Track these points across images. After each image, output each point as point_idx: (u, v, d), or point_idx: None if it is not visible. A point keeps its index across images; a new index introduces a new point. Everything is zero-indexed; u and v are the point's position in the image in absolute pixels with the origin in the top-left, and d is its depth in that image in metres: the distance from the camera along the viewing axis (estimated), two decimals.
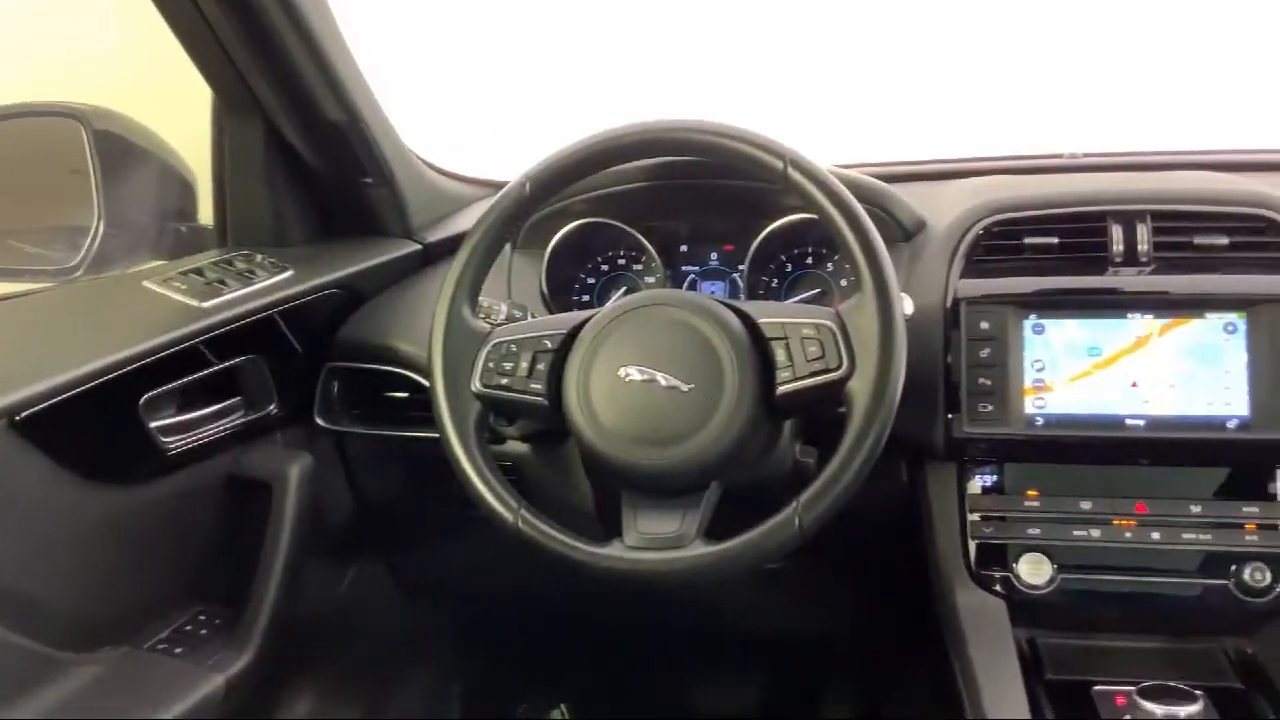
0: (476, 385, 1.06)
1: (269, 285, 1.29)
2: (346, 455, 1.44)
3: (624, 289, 1.37)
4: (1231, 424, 1.10)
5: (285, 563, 1.26)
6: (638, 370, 1.02)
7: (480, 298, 1.12)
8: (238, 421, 1.27)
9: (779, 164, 1.02)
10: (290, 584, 1.27)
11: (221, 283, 1.26)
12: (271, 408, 1.31)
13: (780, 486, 1.05)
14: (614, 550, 1.01)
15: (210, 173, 1.43)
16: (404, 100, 1.45)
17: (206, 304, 1.22)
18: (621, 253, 1.38)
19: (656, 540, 1.00)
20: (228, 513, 1.28)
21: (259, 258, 1.34)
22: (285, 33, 1.23)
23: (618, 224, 1.33)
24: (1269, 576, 1.10)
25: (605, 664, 1.82)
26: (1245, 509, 1.12)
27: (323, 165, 1.41)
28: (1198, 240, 1.14)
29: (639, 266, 1.37)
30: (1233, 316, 1.11)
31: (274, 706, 1.44)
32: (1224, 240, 1.14)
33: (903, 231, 1.27)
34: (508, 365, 1.06)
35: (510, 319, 1.19)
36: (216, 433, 1.24)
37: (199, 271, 1.28)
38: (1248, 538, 1.11)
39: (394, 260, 1.45)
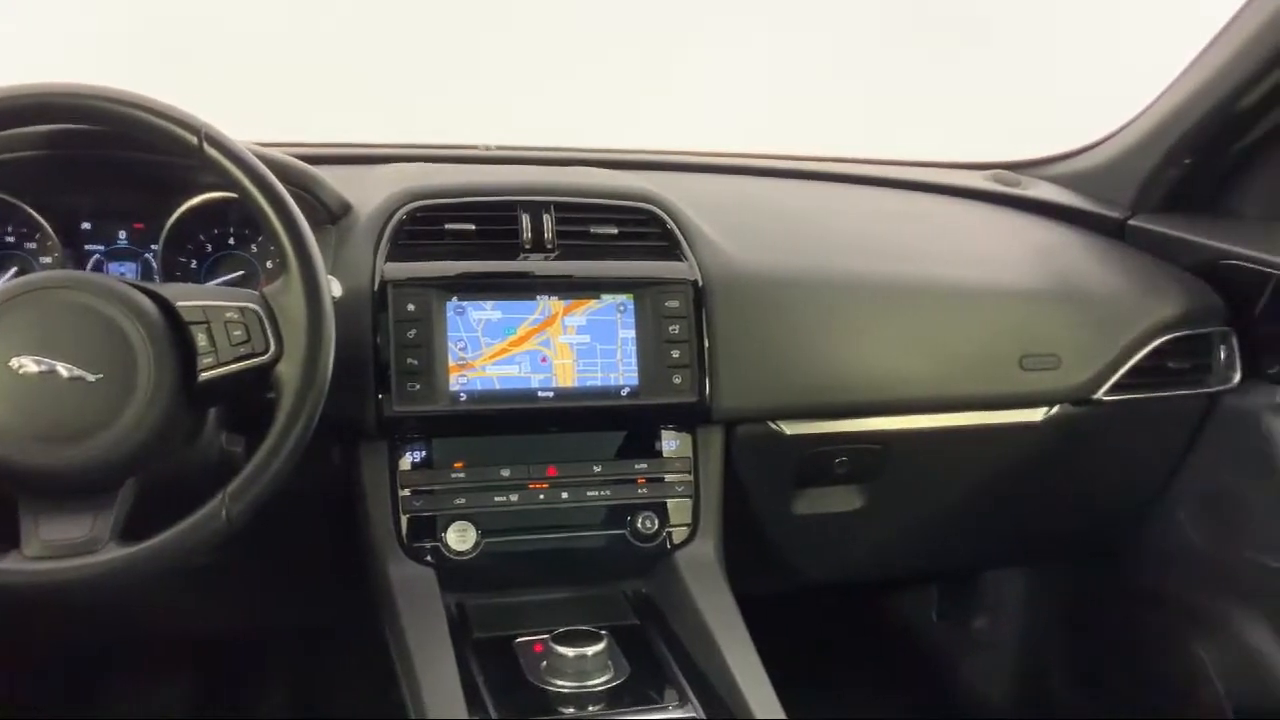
0: None
1: None
2: None
3: (14, 270, 1.22)
4: (624, 392, 1.25)
5: None
6: (33, 360, 0.92)
7: None
8: None
9: (193, 139, 0.98)
10: None
11: None
12: None
13: (206, 478, 1.01)
14: (10, 563, 0.91)
15: None
16: None
17: None
18: (10, 230, 1.22)
19: (63, 547, 0.92)
20: None
21: None
22: None
23: (4, 197, 1.18)
24: (657, 523, 1.26)
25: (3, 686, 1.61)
26: (637, 465, 1.27)
27: None
28: (593, 229, 1.28)
29: (32, 245, 1.22)
30: (623, 298, 1.25)
31: None
32: (615, 230, 1.29)
33: (328, 214, 1.26)
34: None
35: None
36: None
37: None
38: (640, 491, 1.27)
39: None
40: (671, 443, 1.28)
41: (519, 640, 1.16)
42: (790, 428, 1.33)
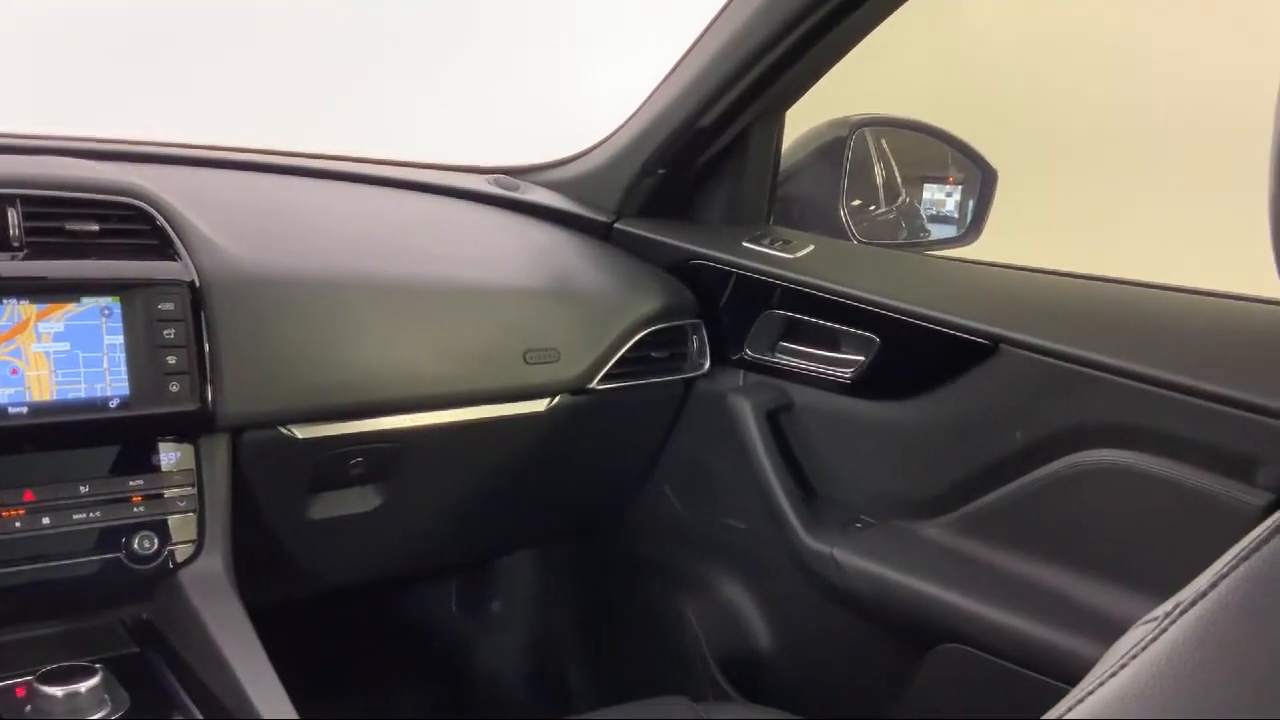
0: None
1: None
2: None
3: None
4: (114, 403, 1.15)
5: None
6: None
7: None
8: None
9: None
10: None
11: None
12: None
13: None
14: None
15: None
16: None
17: None
18: None
19: None
20: None
21: None
22: None
23: None
24: (157, 543, 1.18)
25: None
26: (132, 482, 1.18)
27: None
28: (70, 226, 1.16)
29: None
30: (108, 300, 1.15)
31: None
32: (95, 226, 1.18)
33: None
34: None
35: None
36: None
37: None
38: (135, 509, 1.18)
39: None
40: (171, 455, 1.20)
41: None
42: (302, 431, 1.30)
